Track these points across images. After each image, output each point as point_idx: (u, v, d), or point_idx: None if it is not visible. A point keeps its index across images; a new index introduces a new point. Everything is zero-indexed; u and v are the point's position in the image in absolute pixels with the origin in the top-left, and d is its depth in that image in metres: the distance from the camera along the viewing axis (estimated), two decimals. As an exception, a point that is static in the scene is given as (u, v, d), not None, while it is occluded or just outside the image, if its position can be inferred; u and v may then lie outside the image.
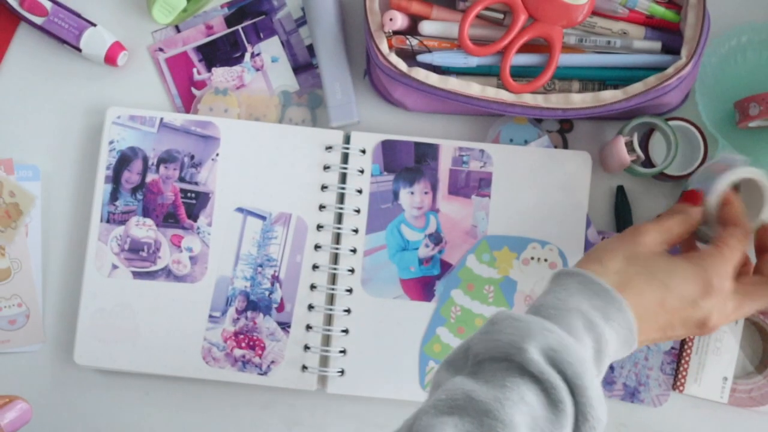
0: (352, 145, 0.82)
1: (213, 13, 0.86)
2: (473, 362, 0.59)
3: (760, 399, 0.81)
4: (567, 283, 0.63)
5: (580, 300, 0.62)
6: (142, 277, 0.82)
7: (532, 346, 0.56)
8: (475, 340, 0.59)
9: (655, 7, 0.78)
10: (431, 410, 0.55)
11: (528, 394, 0.55)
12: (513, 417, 0.54)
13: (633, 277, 0.64)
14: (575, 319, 0.60)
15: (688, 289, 0.65)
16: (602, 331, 0.60)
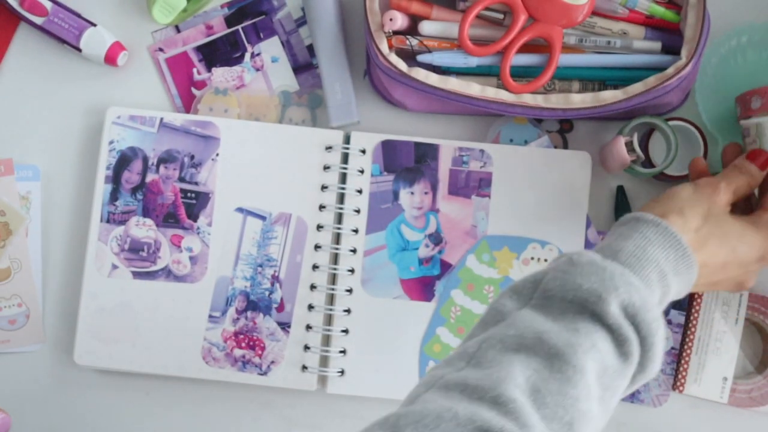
0: (352, 145, 0.82)
1: (213, 13, 0.86)
2: (542, 296, 0.59)
3: (759, 399, 0.81)
4: (647, 231, 0.63)
5: (659, 252, 0.63)
6: (142, 277, 0.82)
7: (613, 298, 0.57)
8: (550, 276, 0.59)
9: (655, 7, 0.78)
10: (498, 345, 0.55)
11: (601, 343, 0.56)
12: (585, 363, 0.54)
13: (709, 238, 0.66)
14: (652, 271, 0.61)
15: (750, 255, 0.68)
16: (670, 284, 0.62)
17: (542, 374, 0.53)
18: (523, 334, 0.55)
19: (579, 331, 0.56)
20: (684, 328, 0.81)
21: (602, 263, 0.59)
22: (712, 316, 0.81)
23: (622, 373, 0.57)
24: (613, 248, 0.62)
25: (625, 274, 0.59)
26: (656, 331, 0.58)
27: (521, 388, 0.52)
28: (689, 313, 0.81)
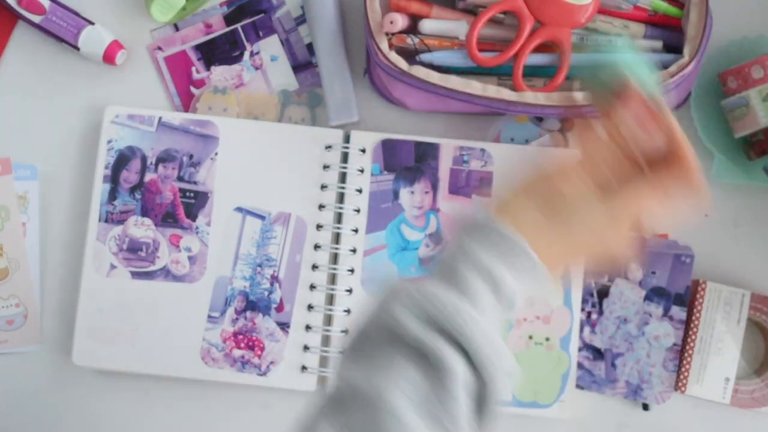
0: (351, 145, 0.82)
1: (212, 11, 0.86)
2: (358, 341, 0.55)
3: (762, 399, 0.81)
4: (473, 234, 0.58)
5: (481, 251, 0.56)
6: (140, 277, 0.81)
7: (402, 312, 0.52)
8: (366, 319, 0.56)
9: (658, 3, 0.78)
10: (323, 408, 0.52)
11: (406, 369, 0.51)
12: (393, 402, 0.50)
13: (546, 227, 0.58)
14: (466, 271, 0.55)
15: (597, 229, 0.60)
16: (500, 275, 0.55)
17: (355, 429, 0.50)
18: (340, 389, 0.53)
19: (390, 366, 0.52)
20: (686, 329, 0.81)
21: (392, 281, 0.56)
22: (714, 316, 0.80)
23: (443, 389, 0.51)
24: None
25: (420, 290, 0.53)
26: (463, 328, 0.52)
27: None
28: (691, 313, 0.81)
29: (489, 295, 0.55)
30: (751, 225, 0.84)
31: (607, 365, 0.81)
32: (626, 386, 0.81)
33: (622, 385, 0.81)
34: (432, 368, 0.51)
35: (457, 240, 0.58)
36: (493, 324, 0.55)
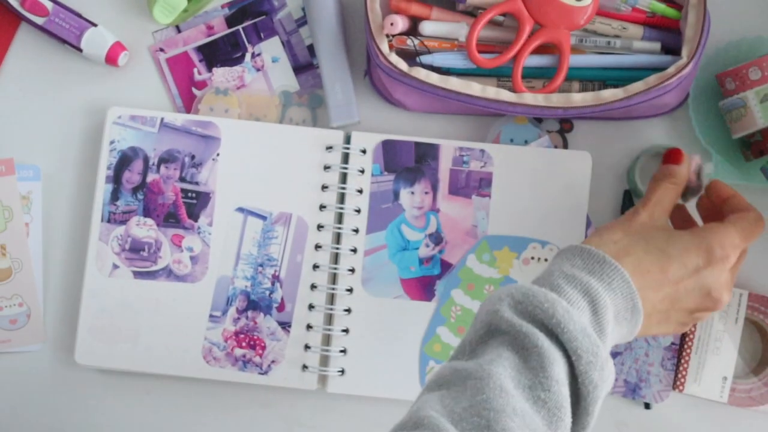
0: (352, 145, 0.82)
1: (214, 13, 0.86)
2: (469, 350, 0.59)
3: (759, 399, 0.81)
4: (558, 256, 0.64)
5: (563, 262, 0.62)
6: (142, 276, 0.82)
7: (504, 304, 0.58)
8: (466, 333, 0.61)
9: (656, 4, 0.79)
10: (424, 390, 0.56)
11: (503, 350, 0.56)
12: (491, 370, 0.54)
13: (630, 245, 0.64)
14: (557, 278, 0.60)
15: (690, 257, 0.64)
16: (590, 284, 0.60)
17: (455, 396, 0.54)
18: (441, 374, 0.57)
19: (486, 351, 0.57)
20: (684, 328, 0.81)
21: (502, 290, 0.60)
22: (711, 315, 0.81)
23: (534, 368, 0.55)
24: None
25: (519, 286, 0.59)
26: (555, 311, 0.56)
27: (437, 410, 0.53)
28: (689, 312, 0.81)
29: (585, 305, 0.59)
30: (749, 225, 0.84)
31: (606, 364, 0.81)
32: (625, 385, 0.81)
33: (621, 384, 0.81)
34: (523, 349, 0.56)
35: (555, 263, 0.63)
36: (589, 325, 0.58)
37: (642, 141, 0.85)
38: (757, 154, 0.82)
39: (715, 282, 0.65)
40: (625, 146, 0.85)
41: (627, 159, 0.85)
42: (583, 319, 0.58)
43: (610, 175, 0.84)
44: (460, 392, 0.54)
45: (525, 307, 0.58)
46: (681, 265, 0.64)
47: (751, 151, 0.83)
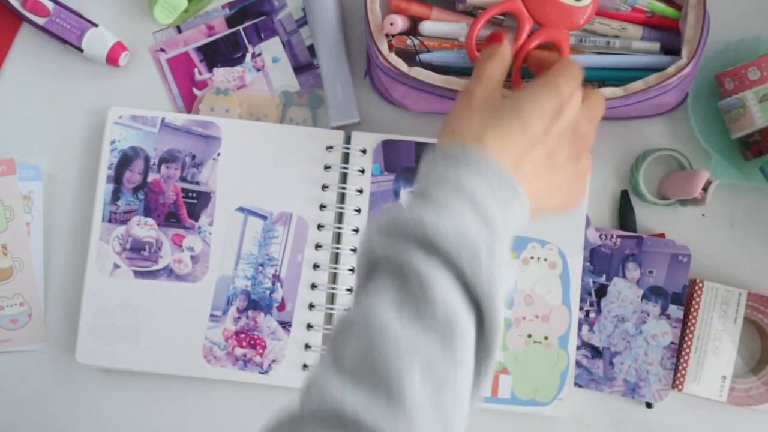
0: (352, 145, 0.83)
1: (214, 13, 0.86)
2: (355, 297, 0.57)
3: (758, 398, 0.81)
4: (422, 161, 0.60)
5: (428, 166, 0.58)
6: (143, 276, 0.82)
7: (373, 234, 0.54)
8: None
9: (655, 4, 0.79)
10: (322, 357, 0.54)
11: (383, 282, 0.53)
12: (371, 311, 0.51)
13: (484, 122, 0.59)
14: (424, 184, 0.57)
15: (542, 103, 0.60)
16: (458, 178, 0.55)
17: (342, 351, 0.51)
18: (333, 328, 0.54)
19: (368, 291, 0.53)
20: (683, 328, 0.82)
21: (371, 219, 0.58)
22: (711, 315, 0.81)
23: (416, 294, 0.51)
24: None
25: (385, 207, 0.56)
26: (429, 224, 0.52)
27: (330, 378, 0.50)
28: (688, 312, 0.81)
29: (460, 203, 0.54)
30: (748, 225, 0.85)
31: (606, 364, 0.82)
32: (624, 384, 0.81)
33: (620, 384, 0.81)
34: (409, 278, 0.51)
35: (420, 170, 0.59)
36: (471, 226, 0.53)
37: (641, 141, 0.85)
38: (756, 153, 0.83)
39: (576, 117, 0.63)
40: (625, 146, 0.85)
41: (626, 159, 0.85)
42: (458, 218, 0.53)
43: (609, 174, 0.85)
44: (348, 343, 0.51)
45: (394, 226, 0.53)
46: (538, 115, 0.60)
47: (750, 151, 0.83)
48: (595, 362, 0.82)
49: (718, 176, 0.80)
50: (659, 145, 0.85)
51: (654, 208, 0.84)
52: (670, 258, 0.82)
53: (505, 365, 0.81)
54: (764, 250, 0.84)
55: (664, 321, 0.81)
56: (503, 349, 0.81)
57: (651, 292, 0.81)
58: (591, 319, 0.82)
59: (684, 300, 0.81)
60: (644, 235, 0.82)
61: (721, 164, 0.81)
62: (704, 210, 0.84)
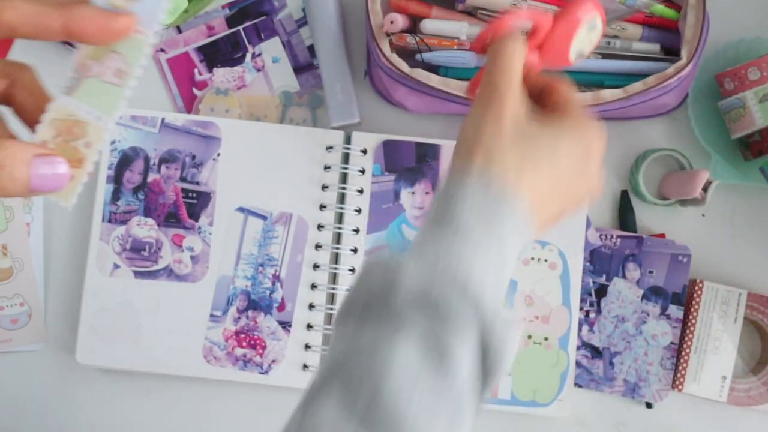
0: (353, 145, 0.83)
1: (214, 13, 0.86)
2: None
3: (758, 398, 0.81)
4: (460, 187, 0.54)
5: (466, 203, 0.53)
6: (143, 276, 0.82)
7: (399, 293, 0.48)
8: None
9: (655, 6, 0.79)
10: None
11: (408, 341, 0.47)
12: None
13: (522, 164, 0.55)
14: (467, 226, 0.51)
15: (573, 159, 0.58)
16: (501, 234, 0.52)
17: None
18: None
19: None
20: (683, 328, 0.82)
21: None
22: (711, 315, 0.81)
23: (440, 371, 0.47)
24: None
25: (417, 268, 0.49)
26: (474, 289, 0.48)
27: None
28: (688, 312, 0.81)
29: (494, 252, 0.51)
30: (748, 225, 0.85)
31: (606, 364, 0.82)
32: (624, 384, 0.81)
33: (620, 384, 0.81)
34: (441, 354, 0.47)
35: (465, 191, 0.54)
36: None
37: (641, 141, 0.85)
38: (756, 153, 0.83)
39: (594, 175, 0.60)
40: (625, 146, 0.85)
41: (626, 159, 0.85)
42: (496, 272, 0.50)
43: (609, 175, 0.85)
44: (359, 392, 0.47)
45: (428, 291, 0.48)
46: (569, 169, 0.57)
47: (750, 151, 0.83)
48: (595, 362, 0.82)
49: (718, 176, 0.80)
50: (659, 145, 0.85)
51: (654, 208, 0.84)
52: (670, 258, 0.82)
53: (505, 365, 0.81)
54: (764, 250, 0.84)
55: (664, 321, 0.81)
56: (503, 350, 0.81)
57: (651, 292, 0.82)
58: (591, 320, 0.82)
59: (684, 300, 0.81)
60: (644, 235, 0.82)
61: (721, 164, 0.81)
62: (704, 210, 0.85)
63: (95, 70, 0.47)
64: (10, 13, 0.44)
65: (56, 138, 0.47)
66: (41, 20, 0.44)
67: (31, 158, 0.44)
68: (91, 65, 0.47)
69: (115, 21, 0.45)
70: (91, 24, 0.45)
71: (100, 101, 0.47)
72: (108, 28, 0.45)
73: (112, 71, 0.47)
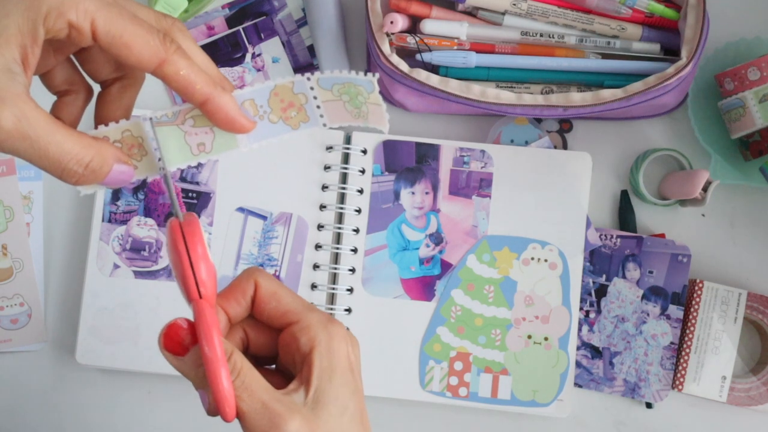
0: (353, 146, 0.83)
1: (214, 13, 0.86)
2: None
3: (758, 398, 0.81)
4: None
5: None
6: (143, 276, 0.82)
7: None
8: None
9: (654, 5, 0.79)
10: None
11: None
12: None
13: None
14: None
15: (350, 395, 0.53)
16: None
17: None
18: None
19: None
20: (683, 328, 0.82)
21: None
22: (710, 315, 0.81)
23: None
24: None
25: None
26: None
27: None
28: (688, 312, 0.81)
29: None
30: (748, 225, 0.85)
31: (605, 364, 0.82)
32: (624, 384, 0.81)
33: (620, 384, 0.81)
34: None
35: None
36: None
37: (641, 141, 0.85)
38: (756, 154, 0.83)
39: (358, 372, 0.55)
40: (625, 146, 0.85)
41: (626, 159, 0.85)
42: None
43: (609, 175, 0.85)
44: None
45: None
46: (352, 403, 0.53)
47: (749, 151, 0.83)
48: (595, 362, 0.82)
49: (718, 176, 0.80)
50: (659, 145, 0.85)
51: (654, 208, 0.84)
52: (670, 258, 0.82)
53: (505, 366, 0.81)
54: (764, 250, 0.84)
55: (664, 321, 0.81)
56: (503, 350, 0.81)
57: (651, 292, 0.82)
58: (591, 320, 0.82)
59: (684, 300, 0.81)
60: (644, 235, 0.82)
61: (721, 164, 0.81)
62: (704, 210, 0.85)
63: (188, 127, 0.51)
64: (169, 69, 0.48)
65: (115, 143, 0.50)
66: (190, 83, 0.49)
67: (114, 161, 0.49)
68: (188, 121, 0.51)
69: (242, 120, 0.51)
70: (225, 112, 0.50)
71: (169, 148, 0.50)
72: (233, 122, 0.50)
73: (197, 141, 0.51)
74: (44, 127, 0.45)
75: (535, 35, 0.80)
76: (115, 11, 0.46)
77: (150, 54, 0.47)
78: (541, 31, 0.80)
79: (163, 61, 0.48)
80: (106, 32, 0.46)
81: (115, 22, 0.46)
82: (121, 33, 0.46)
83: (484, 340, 0.81)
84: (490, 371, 0.81)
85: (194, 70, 0.49)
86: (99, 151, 0.48)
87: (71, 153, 0.47)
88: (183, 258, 0.48)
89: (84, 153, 0.47)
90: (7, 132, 0.44)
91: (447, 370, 0.81)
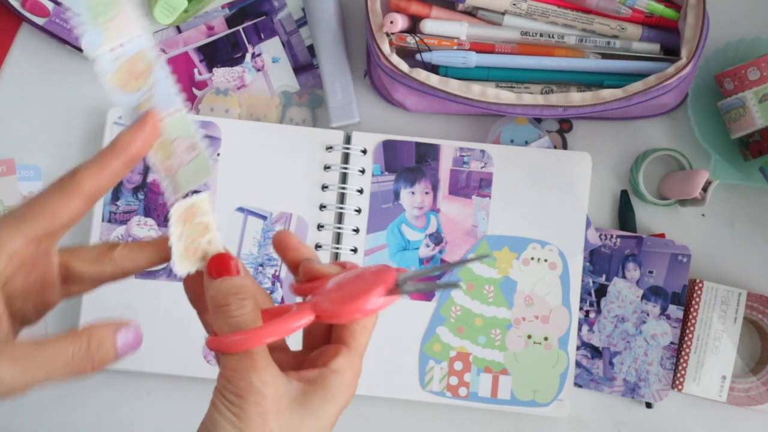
0: (352, 146, 0.83)
1: (214, 13, 0.86)
2: None
3: (758, 398, 0.81)
4: None
5: None
6: (143, 276, 0.82)
7: None
8: None
9: (654, 5, 0.79)
10: None
11: None
12: None
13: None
14: None
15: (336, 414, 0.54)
16: None
17: None
18: None
19: None
20: (683, 328, 0.82)
21: None
22: (710, 315, 0.81)
23: None
24: None
25: None
26: None
27: None
28: (688, 312, 0.81)
29: None
30: (748, 225, 0.85)
31: (605, 364, 0.82)
32: (624, 384, 0.81)
33: (620, 384, 0.81)
34: None
35: None
36: None
37: (641, 141, 0.85)
38: (755, 153, 0.83)
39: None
40: (625, 146, 0.85)
41: (626, 159, 0.85)
42: None
43: (609, 175, 0.85)
44: None
45: None
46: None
47: (749, 151, 0.83)
48: (595, 362, 0.82)
49: (718, 176, 0.80)
50: (659, 145, 0.85)
51: (654, 208, 0.84)
52: (670, 258, 0.82)
53: (504, 366, 0.81)
54: (764, 250, 0.84)
55: (664, 321, 0.81)
56: (503, 350, 0.81)
57: (651, 292, 0.82)
58: (591, 319, 0.82)
59: (684, 300, 0.81)
60: (644, 235, 0.82)
61: (721, 164, 0.81)
62: (704, 210, 0.85)
63: (175, 163, 0.52)
64: None
65: (185, 225, 0.54)
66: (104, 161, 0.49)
67: (112, 333, 0.49)
68: (170, 163, 0.52)
69: (142, 128, 0.49)
70: (129, 143, 0.49)
71: (197, 177, 0.53)
72: (141, 136, 0.49)
73: (185, 152, 0.52)
74: (27, 357, 0.46)
75: (535, 35, 0.80)
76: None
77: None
78: (540, 31, 0.80)
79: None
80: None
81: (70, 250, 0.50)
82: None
83: (484, 340, 0.81)
84: (490, 371, 0.81)
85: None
86: (89, 332, 0.48)
87: (65, 353, 0.48)
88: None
89: (76, 343, 0.48)
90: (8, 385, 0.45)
91: (447, 370, 0.81)
